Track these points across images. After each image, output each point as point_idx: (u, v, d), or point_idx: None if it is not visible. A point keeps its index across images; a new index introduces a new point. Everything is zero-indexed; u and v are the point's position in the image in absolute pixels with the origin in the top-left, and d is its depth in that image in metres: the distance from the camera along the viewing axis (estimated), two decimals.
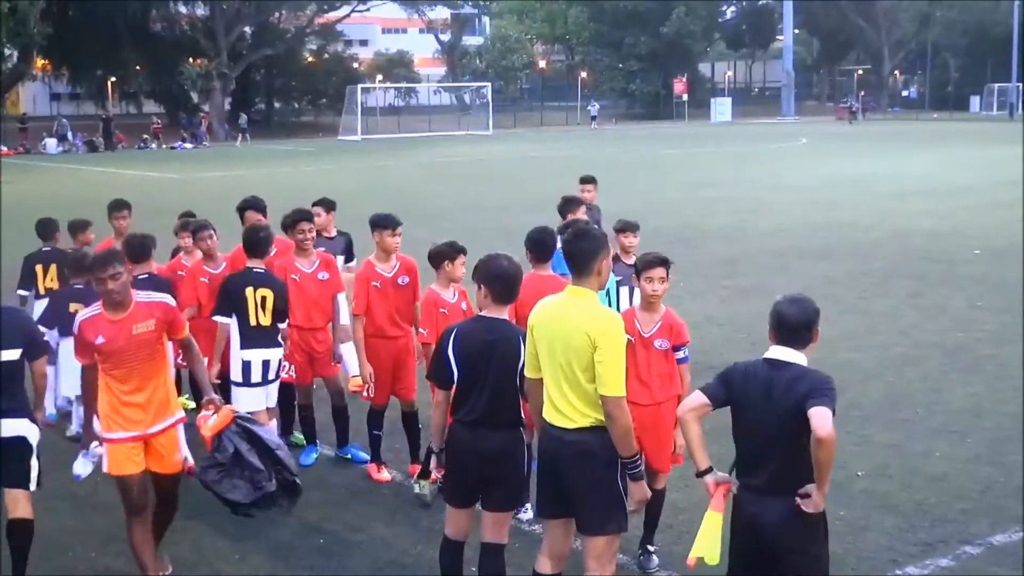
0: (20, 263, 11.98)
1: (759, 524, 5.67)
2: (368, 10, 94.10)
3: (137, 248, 9.87)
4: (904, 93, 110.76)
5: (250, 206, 10.79)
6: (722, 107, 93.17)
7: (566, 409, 6.09)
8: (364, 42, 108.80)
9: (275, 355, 9.40)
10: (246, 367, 9.28)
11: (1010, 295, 17.04)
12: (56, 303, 10.60)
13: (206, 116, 72.99)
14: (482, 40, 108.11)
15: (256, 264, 9.49)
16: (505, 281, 6.60)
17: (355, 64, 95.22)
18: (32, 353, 7.44)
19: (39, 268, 11.61)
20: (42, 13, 61.41)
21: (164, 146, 66.63)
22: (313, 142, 69.80)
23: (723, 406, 5.93)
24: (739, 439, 5.88)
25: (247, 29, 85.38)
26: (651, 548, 7.80)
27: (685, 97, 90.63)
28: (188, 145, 66.83)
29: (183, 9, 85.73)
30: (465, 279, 8.20)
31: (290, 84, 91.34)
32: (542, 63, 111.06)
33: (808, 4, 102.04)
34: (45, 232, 11.94)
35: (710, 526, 5.88)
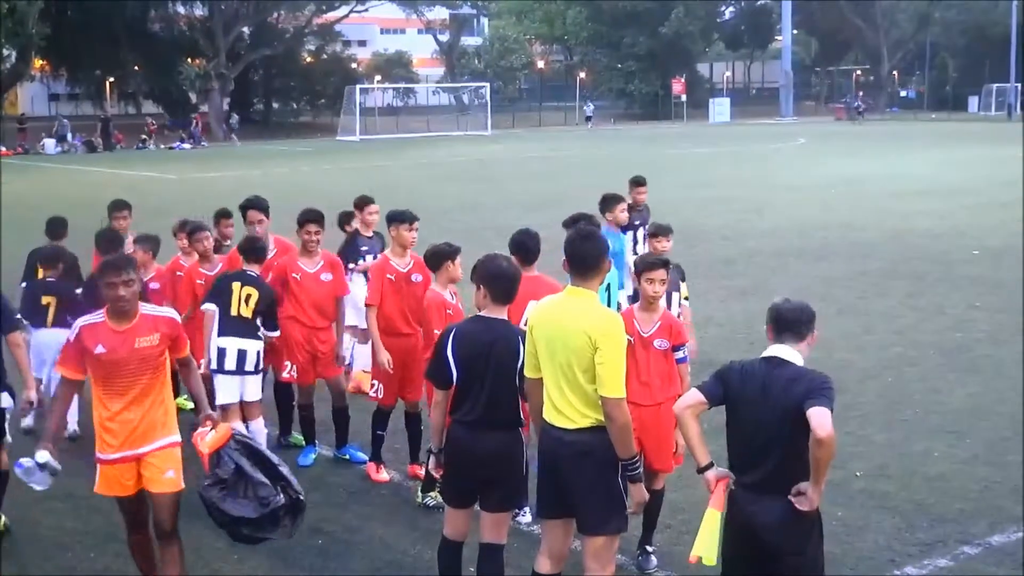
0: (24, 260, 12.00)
1: (755, 524, 5.68)
2: (366, 10, 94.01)
3: (108, 240, 10.53)
4: (903, 93, 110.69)
5: (252, 205, 10.76)
6: (721, 107, 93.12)
7: (566, 409, 6.10)
8: (362, 42, 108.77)
9: (252, 346, 9.50)
10: (221, 353, 9.41)
11: (1008, 295, 17.05)
12: (29, 295, 10.69)
13: (199, 117, 72.73)
14: (481, 40, 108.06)
15: (251, 268, 9.69)
16: (504, 281, 6.61)
17: (353, 64, 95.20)
18: (3, 327, 7.96)
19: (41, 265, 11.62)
20: (40, 13, 61.35)
21: (162, 146, 66.59)
22: (311, 142, 69.76)
23: (719, 404, 5.95)
24: (735, 438, 5.88)
25: (245, 29, 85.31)
26: (650, 548, 7.81)
27: (684, 97, 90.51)
28: (187, 145, 66.77)
29: (181, 9, 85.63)
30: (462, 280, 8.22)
31: (288, 84, 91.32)
32: (540, 63, 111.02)
33: (806, 4, 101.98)
34: (54, 231, 11.97)
35: (710, 525, 5.89)
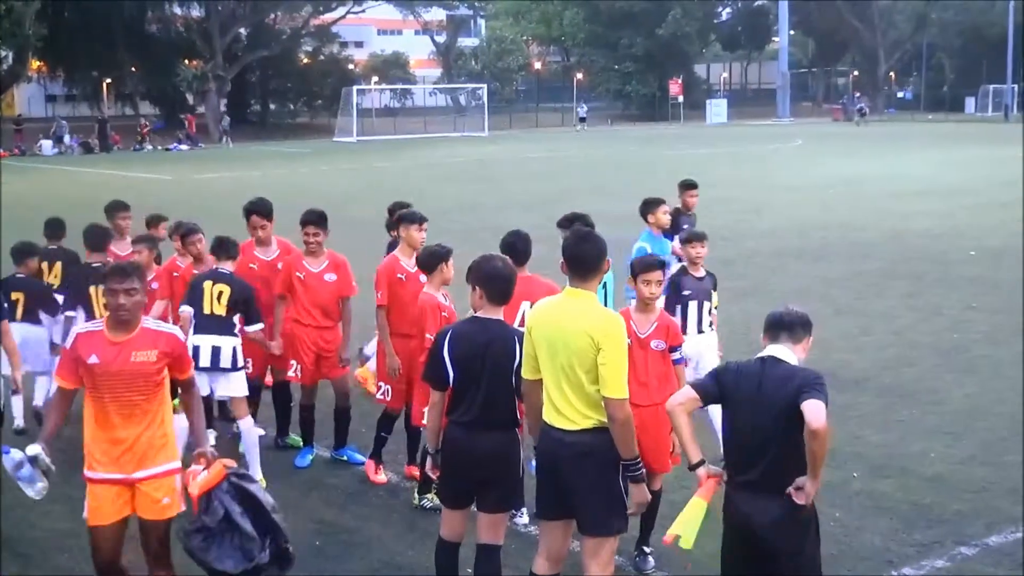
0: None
1: (752, 525, 5.69)
2: (363, 11, 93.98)
3: (96, 236, 10.61)
4: (899, 94, 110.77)
5: (255, 210, 10.68)
6: (718, 108, 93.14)
7: (567, 411, 6.10)
8: (359, 43, 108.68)
9: (227, 343, 9.50)
10: (195, 351, 9.37)
11: (1005, 296, 17.07)
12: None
13: (191, 118, 72.52)
14: (478, 41, 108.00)
15: (223, 265, 9.78)
16: (500, 282, 6.61)
17: (351, 65, 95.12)
18: None
19: (44, 265, 11.63)
20: (37, 14, 61.41)
21: (159, 147, 66.60)
22: (309, 143, 69.77)
23: (713, 403, 5.96)
24: (731, 437, 5.89)
25: (242, 31, 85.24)
26: (647, 549, 7.82)
27: (681, 98, 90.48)
28: (184, 147, 66.78)
29: (178, 10, 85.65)
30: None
31: (286, 85, 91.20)
32: (538, 64, 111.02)
33: (803, 5, 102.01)
34: (52, 232, 11.99)
35: (693, 511, 5.94)
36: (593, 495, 6.12)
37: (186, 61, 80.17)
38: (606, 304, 9.02)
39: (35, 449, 6.45)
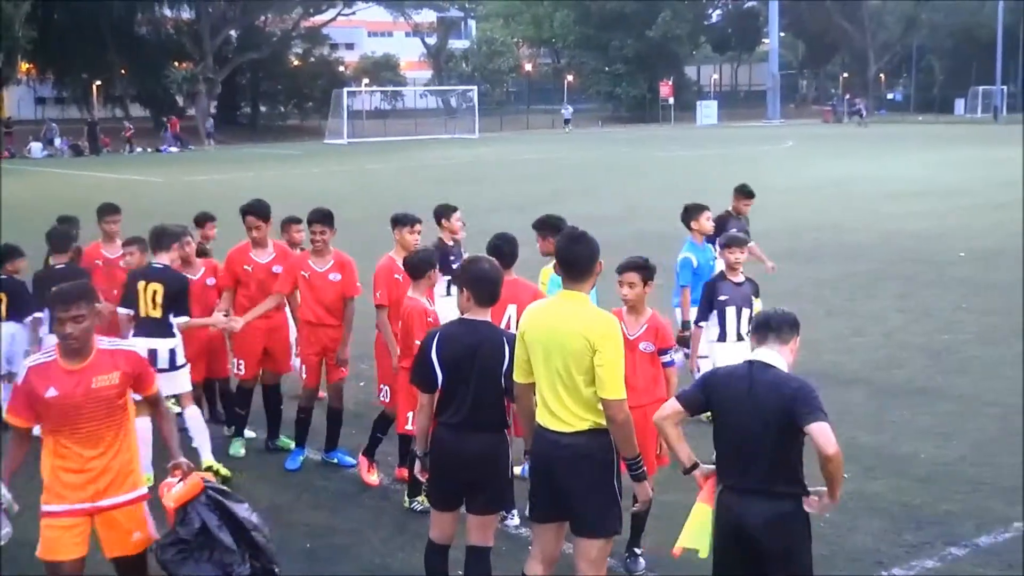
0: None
1: (743, 525, 5.68)
2: (354, 13, 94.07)
3: (59, 238, 10.67)
4: (889, 96, 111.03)
5: (251, 211, 10.64)
6: (708, 110, 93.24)
7: (562, 414, 6.08)
8: (350, 45, 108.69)
9: (163, 345, 9.47)
10: None
11: (995, 297, 17.11)
12: None
13: (175, 121, 72.25)
14: (468, 43, 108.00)
15: (159, 258, 9.75)
16: (488, 284, 6.60)
17: (341, 67, 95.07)
18: None
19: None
20: (27, 16, 61.23)
21: (149, 149, 66.52)
22: (299, 145, 69.71)
23: (701, 412, 5.95)
24: (722, 442, 5.88)
25: (233, 33, 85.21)
26: (638, 551, 7.81)
27: (671, 100, 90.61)
28: (174, 149, 66.72)
29: (168, 12, 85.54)
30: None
31: (276, 87, 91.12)
32: (528, 66, 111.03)
33: (793, 6, 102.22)
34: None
35: (699, 518, 5.92)
36: (589, 497, 6.11)
37: (176, 63, 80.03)
38: None
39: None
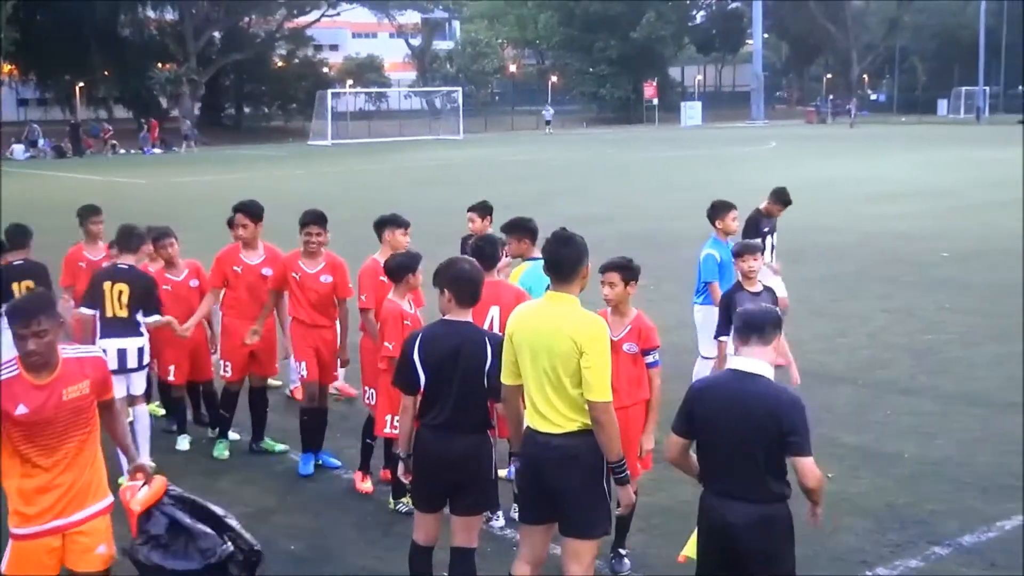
0: None
1: (726, 526, 5.69)
2: (338, 14, 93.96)
3: (15, 235, 10.55)
4: (872, 97, 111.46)
5: (241, 209, 10.47)
6: (692, 111, 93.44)
7: (551, 415, 6.08)
8: (334, 47, 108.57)
9: (132, 344, 9.50)
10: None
11: (977, 297, 17.18)
12: None
13: (154, 124, 71.89)
14: (452, 44, 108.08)
15: (124, 259, 9.74)
16: (468, 284, 6.60)
17: (325, 69, 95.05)
18: None
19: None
20: (9, 18, 60.99)
21: (133, 151, 66.35)
22: (283, 147, 69.59)
23: (698, 433, 5.88)
24: (706, 451, 5.84)
25: (216, 34, 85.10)
26: (623, 552, 7.82)
27: (655, 101, 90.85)
28: (158, 150, 66.56)
29: (151, 14, 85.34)
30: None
31: (260, 89, 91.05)
32: (513, 67, 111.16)
33: (777, 8, 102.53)
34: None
35: None
36: (579, 498, 6.11)
37: (159, 64, 79.84)
38: None
39: None
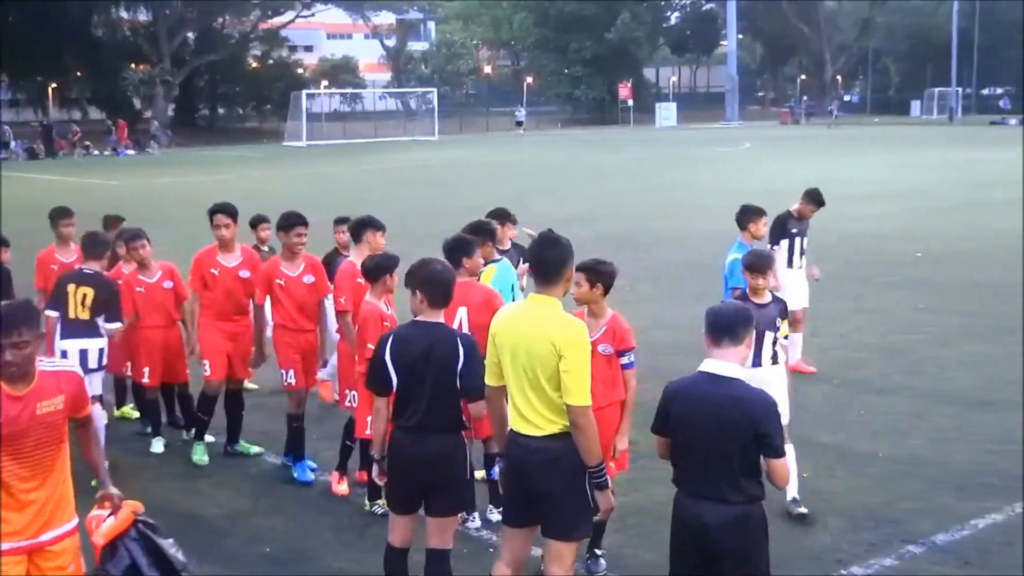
0: None
1: (701, 526, 5.69)
2: (313, 15, 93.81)
3: None
4: (846, 97, 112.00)
5: (222, 209, 10.50)
6: (667, 112, 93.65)
7: (533, 417, 6.08)
8: (309, 47, 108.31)
9: (93, 345, 9.79)
10: (63, 355, 9.62)
11: (951, 298, 17.29)
12: None
13: (122, 125, 71.46)
14: (427, 45, 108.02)
15: (89, 264, 10.04)
16: (440, 285, 6.60)
17: (300, 69, 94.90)
18: None
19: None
20: None
21: (106, 152, 66.05)
22: (258, 148, 69.42)
23: (673, 434, 5.89)
24: (680, 452, 5.84)
25: (190, 34, 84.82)
26: (598, 552, 7.82)
27: (630, 102, 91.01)
28: (131, 152, 66.28)
29: (125, 14, 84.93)
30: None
31: (234, 90, 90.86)
32: (488, 68, 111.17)
33: (751, 8, 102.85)
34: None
35: None
36: (562, 500, 6.11)
37: (133, 65, 79.46)
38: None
39: None
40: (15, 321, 5.41)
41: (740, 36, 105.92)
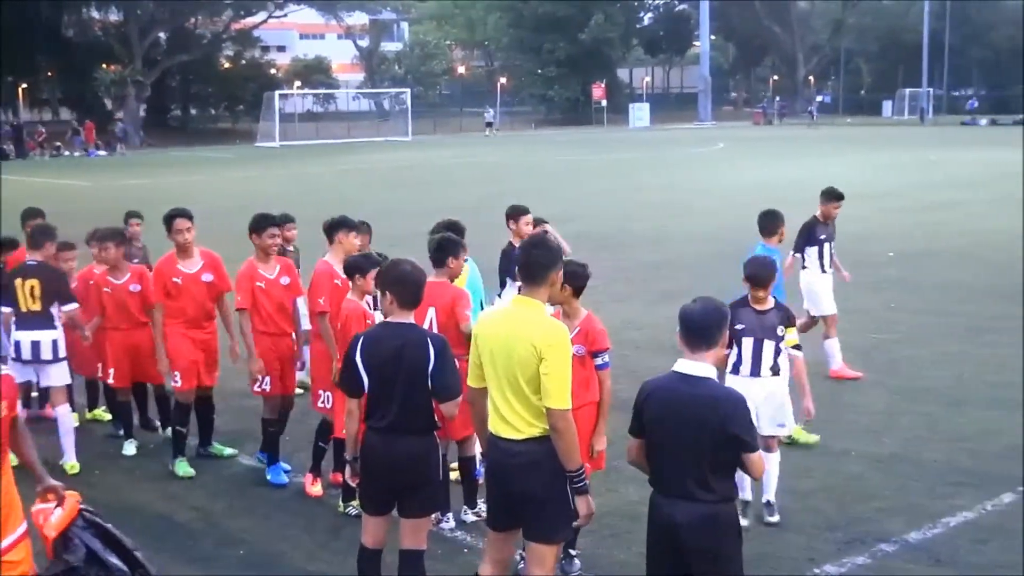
0: None
1: (673, 525, 5.68)
2: (285, 15, 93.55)
3: None
4: (819, 98, 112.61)
5: (181, 213, 10.40)
6: (640, 112, 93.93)
7: (513, 420, 6.07)
8: (282, 48, 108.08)
9: (46, 336, 10.10)
10: (16, 346, 10.06)
11: (924, 297, 17.39)
12: None
13: (89, 126, 71.00)
14: (401, 46, 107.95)
15: (32, 257, 10.27)
16: (410, 286, 6.57)
17: (273, 70, 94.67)
18: None
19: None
20: None
21: (77, 153, 65.70)
22: (231, 148, 69.19)
23: (646, 434, 5.89)
24: (654, 453, 5.83)
25: (162, 35, 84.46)
26: (573, 552, 7.81)
27: (604, 103, 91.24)
28: (102, 152, 65.94)
29: (96, 14, 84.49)
30: None
31: (207, 90, 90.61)
32: (461, 69, 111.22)
33: (724, 9, 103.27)
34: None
35: None
36: (543, 503, 6.09)
37: (104, 65, 79.03)
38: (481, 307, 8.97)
39: None
40: None
41: (713, 37, 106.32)
